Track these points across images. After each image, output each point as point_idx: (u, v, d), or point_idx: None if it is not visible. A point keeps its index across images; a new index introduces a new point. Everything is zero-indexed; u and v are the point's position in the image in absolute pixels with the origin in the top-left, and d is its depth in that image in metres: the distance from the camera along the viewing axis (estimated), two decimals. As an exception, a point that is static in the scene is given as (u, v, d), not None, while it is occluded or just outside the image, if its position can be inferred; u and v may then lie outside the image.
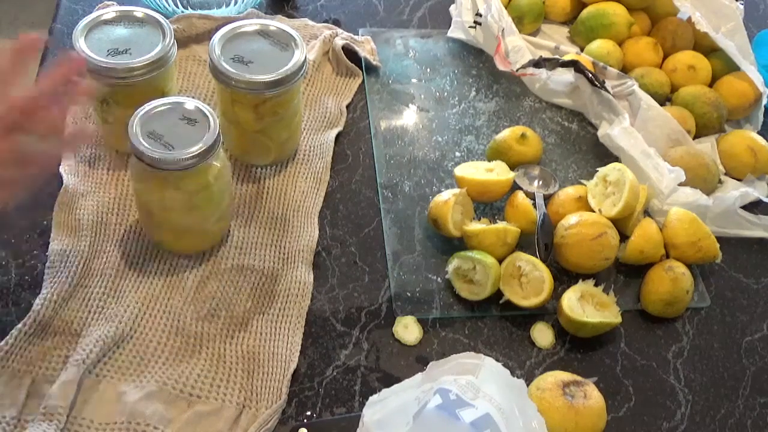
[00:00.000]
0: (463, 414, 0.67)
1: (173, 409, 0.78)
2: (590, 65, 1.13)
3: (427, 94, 1.14)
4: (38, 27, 2.46)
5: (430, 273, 0.93)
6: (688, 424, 0.85)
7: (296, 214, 0.96)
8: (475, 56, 1.21)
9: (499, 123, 1.12)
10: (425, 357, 0.86)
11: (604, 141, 1.09)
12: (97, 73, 0.87)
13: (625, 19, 1.20)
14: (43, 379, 0.78)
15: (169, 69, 0.91)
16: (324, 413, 0.81)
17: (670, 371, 0.89)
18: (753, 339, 0.94)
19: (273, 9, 1.21)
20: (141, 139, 0.78)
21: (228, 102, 0.92)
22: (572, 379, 0.80)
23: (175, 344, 0.83)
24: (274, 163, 1.01)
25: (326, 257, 0.93)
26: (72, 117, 1.00)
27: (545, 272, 0.89)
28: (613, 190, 0.95)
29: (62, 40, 1.11)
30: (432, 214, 0.94)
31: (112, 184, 0.95)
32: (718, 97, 1.13)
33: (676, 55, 1.19)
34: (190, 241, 0.88)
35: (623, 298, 0.95)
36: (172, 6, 1.13)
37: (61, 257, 0.86)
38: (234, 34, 0.92)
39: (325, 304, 0.89)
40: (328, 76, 1.13)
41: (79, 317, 0.83)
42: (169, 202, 0.82)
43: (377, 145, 1.06)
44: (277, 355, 0.83)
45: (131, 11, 0.92)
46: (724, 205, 1.00)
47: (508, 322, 0.91)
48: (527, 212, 0.94)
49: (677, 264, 0.93)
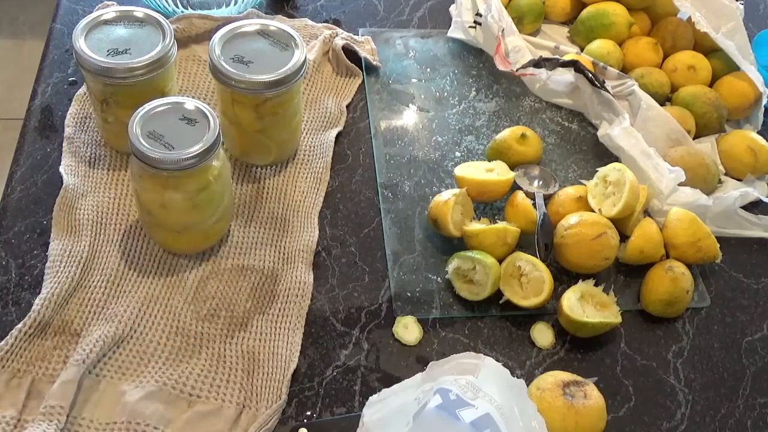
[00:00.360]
0: (463, 414, 0.67)
1: (173, 409, 0.78)
2: (590, 65, 1.13)
3: (427, 94, 1.14)
4: (38, 27, 2.47)
5: (430, 273, 0.93)
6: (688, 424, 0.85)
7: (296, 214, 0.96)
8: (475, 56, 1.21)
9: (499, 123, 1.12)
10: (425, 357, 0.86)
11: (604, 141, 1.09)
12: (97, 73, 0.87)
13: (625, 19, 1.20)
14: (43, 379, 0.78)
15: (169, 69, 0.91)
16: (324, 413, 0.81)
17: (670, 371, 0.89)
18: (753, 339, 0.94)
19: (273, 9, 1.21)
20: (141, 139, 0.78)
21: (228, 102, 0.92)
22: (572, 379, 0.80)
23: (175, 344, 0.83)
24: (274, 163, 1.01)
25: (326, 257, 0.93)
26: (72, 117, 1.00)
27: (545, 272, 0.89)
28: (613, 190, 0.95)
29: (62, 40, 1.11)
30: (432, 214, 0.94)
31: (112, 184, 0.95)
32: (718, 97, 1.13)
33: (676, 55, 1.19)
34: (190, 241, 0.88)
35: (623, 298, 0.95)
36: (172, 6, 1.13)
37: (61, 257, 0.86)
38: (234, 34, 0.92)
39: (325, 304, 0.89)
40: (328, 76, 1.13)
41: (79, 317, 0.83)
42: (169, 202, 0.82)
43: (377, 145, 1.06)
44: (277, 355, 0.83)
45: (131, 11, 0.92)
46: (724, 205, 1.00)
47: (508, 322, 0.91)
48: (527, 212, 0.94)
49: (677, 264, 0.93)
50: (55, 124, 1.01)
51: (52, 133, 1.00)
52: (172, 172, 0.79)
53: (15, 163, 0.96)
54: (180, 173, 0.79)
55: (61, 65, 1.08)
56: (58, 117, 1.01)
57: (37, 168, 0.96)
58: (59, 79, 1.06)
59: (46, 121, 1.01)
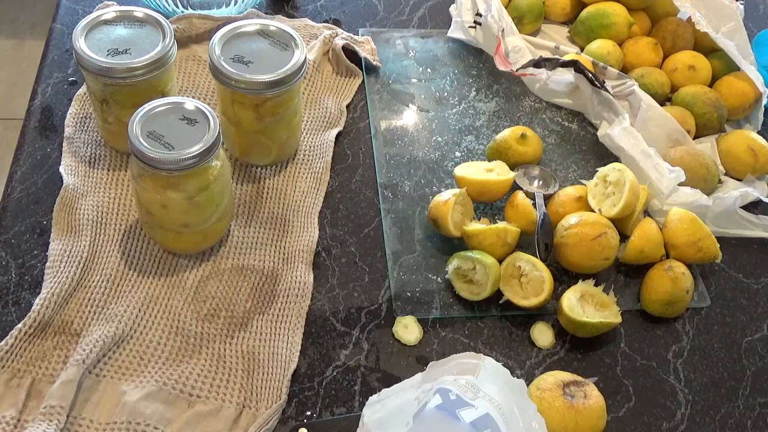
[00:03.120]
0: (463, 414, 0.67)
1: (173, 409, 0.78)
2: (590, 65, 1.13)
3: (427, 94, 1.14)
4: (38, 27, 2.47)
5: (430, 273, 0.93)
6: (688, 424, 0.85)
7: (296, 214, 0.96)
8: (475, 56, 1.21)
9: (499, 123, 1.12)
10: (425, 357, 0.86)
11: (604, 141, 1.09)
12: (97, 73, 0.87)
13: (625, 19, 1.20)
14: (43, 379, 0.78)
15: (169, 69, 0.91)
16: (324, 413, 0.81)
17: (670, 371, 0.89)
18: (753, 339, 0.94)
19: (273, 9, 1.21)
20: (141, 139, 0.78)
21: (228, 102, 0.92)
22: (572, 379, 0.80)
23: (175, 344, 0.83)
24: (274, 163, 1.01)
25: (326, 257, 0.93)
26: (72, 117, 1.00)
27: (545, 272, 0.89)
28: (613, 190, 0.95)
29: (62, 40, 1.11)
30: (432, 214, 0.94)
31: (112, 184, 0.95)
32: (718, 97, 1.13)
33: (676, 55, 1.19)
34: (190, 241, 0.88)
35: (623, 298, 0.95)
36: (172, 6, 1.13)
37: (61, 257, 0.86)
38: (234, 34, 0.92)
39: (325, 304, 0.89)
40: (328, 76, 1.13)
41: (79, 317, 0.83)
42: (169, 202, 0.82)
43: (377, 145, 1.06)
44: (277, 355, 0.83)
45: (131, 11, 0.92)
46: (724, 205, 1.00)
47: (508, 322, 0.91)
48: (527, 212, 0.94)
49: (677, 264, 0.93)
50: (55, 124, 1.01)
51: (52, 133, 1.00)
52: (172, 172, 0.79)
53: (15, 163, 0.96)
54: (180, 173, 0.79)
55: (61, 65, 1.08)
56: (58, 117, 1.01)
57: (37, 168, 0.96)
58: (59, 79, 1.06)
59: (46, 121, 1.01)
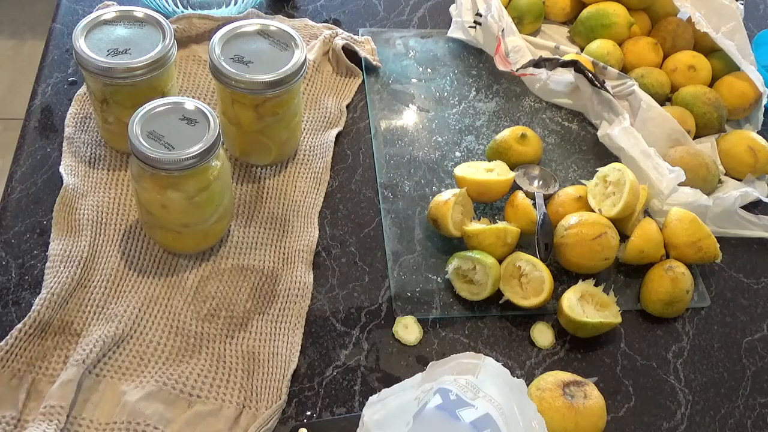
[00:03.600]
0: (463, 414, 0.67)
1: (173, 409, 0.78)
2: (590, 65, 1.13)
3: (427, 94, 1.14)
4: (38, 27, 2.47)
5: (430, 273, 0.93)
6: (688, 424, 0.85)
7: (296, 214, 0.96)
8: (475, 56, 1.21)
9: (499, 123, 1.12)
10: (425, 357, 0.86)
11: (604, 141, 1.09)
12: (97, 73, 0.87)
13: (625, 19, 1.20)
14: (43, 379, 0.78)
15: (169, 69, 0.91)
16: (324, 413, 0.81)
17: (670, 371, 0.89)
18: (753, 339, 0.94)
19: (273, 9, 1.21)
20: (141, 139, 0.78)
21: (228, 102, 0.92)
22: (572, 379, 0.80)
23: (175, 344, 0.83)
24: (274, 163, 1.01)
25: (326, 257, 0.93)
26: (72, 117, 1.00)
27: (545, 272, 0.89)
28: (613, 190, 0.95)
29: (62, 40, 1.11)
30: (432, 214, 0.94)
31: (112, 184, 0.95)
32: (718, 97, 1.13)
33: (676, 55, 1.19)
34: (190, 241, 0.88)
35: (623, 298, 0.95)
36: (172, 6, 1.13)
37: (61, 257, 0.86)
38: (234, 34, 0.92)
39: (325, 304, 0.89)
40: (328, 76, 1.13)
41: (79, 317, 0.83)
42: (169, 202, 0.82)
43: (377, 145, 1.06)
44: (277, 355, 0.83)
45: (131, 11, 0.92)
46: (724, 205, 1.00)
47: (508, 322, 0.91)
48: (527, 212, 0.94)
49: (677, 264, 0.93)
50: (55, 124, 1.01)
51: (52, 133, 1.00)
52: (172, 172, 0.79)
53: (15, 163, 0.96)
54: (180, 173, 0.79)
55: (61, 65, 1.08)
56: (58, 117, 1.01)
57: (37, 168, 0.96)
58: (59, 79, 1.06)
59: (46, 121, 1.01)
